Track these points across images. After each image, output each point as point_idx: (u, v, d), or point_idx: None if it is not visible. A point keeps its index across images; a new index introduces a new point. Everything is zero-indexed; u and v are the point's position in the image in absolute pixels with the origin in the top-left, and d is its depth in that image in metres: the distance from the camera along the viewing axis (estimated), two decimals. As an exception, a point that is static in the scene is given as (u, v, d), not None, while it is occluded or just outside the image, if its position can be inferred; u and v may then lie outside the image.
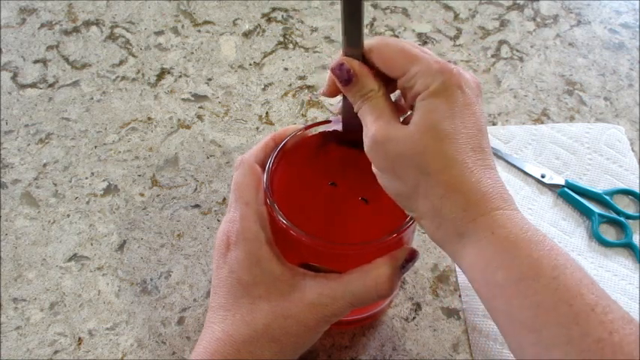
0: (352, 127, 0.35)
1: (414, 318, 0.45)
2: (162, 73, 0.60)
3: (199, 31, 0.63)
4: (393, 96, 0.34)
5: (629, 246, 0.48)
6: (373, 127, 0.32)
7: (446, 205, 0.30)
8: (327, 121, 0.39)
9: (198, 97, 0.58)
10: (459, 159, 0.30)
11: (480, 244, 0.30)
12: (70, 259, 0.48)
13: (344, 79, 0.33)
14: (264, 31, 0.63)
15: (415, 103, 0.32)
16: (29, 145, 0.54)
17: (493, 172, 0.31)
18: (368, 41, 0.33)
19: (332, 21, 0.64)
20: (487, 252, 0.30)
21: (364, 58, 0.33)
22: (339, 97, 0.36)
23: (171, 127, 0.56)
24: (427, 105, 0.31)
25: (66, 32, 0.63)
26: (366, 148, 0.32)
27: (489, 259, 0.30)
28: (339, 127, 0.38)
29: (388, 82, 0.34)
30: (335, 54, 0.61)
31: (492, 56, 0.62)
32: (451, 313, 0.45)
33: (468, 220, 0.30)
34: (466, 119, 0.31)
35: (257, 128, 0.56)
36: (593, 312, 0.27)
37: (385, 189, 0.33)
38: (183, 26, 0.63)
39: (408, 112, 0.34)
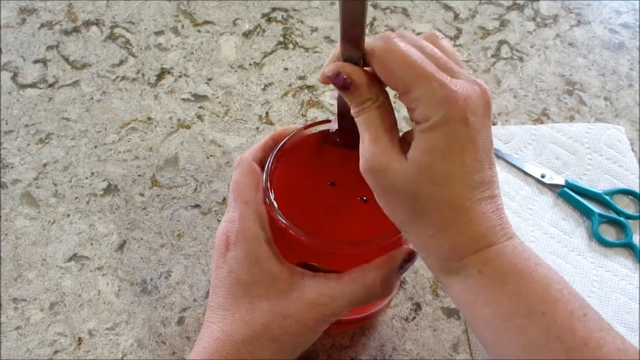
0: (347, 122, 0.34)
1: (414, 318, 0.45)
2: (162, 73, 0.60)
3: (199, 31, 0.63)
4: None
5: (629, 246, 0.48)
6: (369, 151, 0.30)
7: (435, 244, 0.30)
8: (327, 121, 0.39)
9: (198, 97, 0.58)
10: (452, 201, 0.29)
11: (468, 282, 0.30)
12: (70, 259, 0.48)
13: (341, 85, 0.31)
14: (264, 31, 0.63)
15: (415, 131, 0.30)
16: (29, 145, 0.54)
17: (491, 203, 0.30)
18: (370, 41, 0.30)
19: (332, 21, 0.64)
20: (474, 289, 0.29)
21: (365, 60, 0.31)
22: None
23: (171, 127, 0.56)
24: (425, 141, 0.29)
25: (66, 32, 0.63)
26: (361, 169, 0.31)
27: (476, 296, 0.29)
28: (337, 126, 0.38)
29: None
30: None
31: (492, 56, 0.62)
32: (451, 313, 0.45)
33: (456, 260, 0.30)
34: (466, 155, 0.29)
35: (257, 128, 0.56)
36: (586, 347, 0.27)
37: (380, 205, 0.32)
38: (183, 26, 0.63)
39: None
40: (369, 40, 0.30)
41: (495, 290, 0.29)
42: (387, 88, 0.32)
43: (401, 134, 0.32)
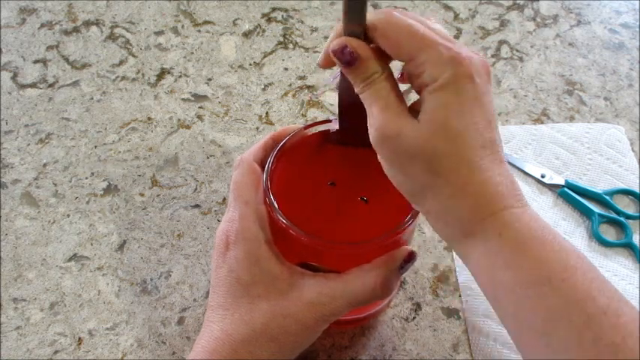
0: (349, 107, 0.34)
1: (414, 318, 0.45)
2: (162, 73, 0.60)
3: (199, 31, 0.63)
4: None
5: (629, 246, 0.48)
6: (380, 118, 0.30)
7: (454, 206, 0.30)
8: (327, 121, 0.39)
9: (198, 97, 0.58)
10: (469, 158, 0.29)
11: (488, 245, 0.29)
12: (70, 259, 0.48)
13: (346, 61, 0.31)
14: (264, 31, 0.63)
15: (424, 95, 0.30)
16: (29, 145, 0.54)
17: (503, 167, 0.30)
18: (371, 17, 0.31)
19: (332, 21, 0.64)
20: (494, 253, 0.29)
21: (366, 36, 0.31)
22: (337, 70, 0.34)
23: (171, 127, 0.56)
24: (436, 100, 0.29)
25: (66, 32, 0.63)
26: (372, 140, 0.31)
27: (496, 261, 0.29)
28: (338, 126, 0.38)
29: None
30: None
31: (492, 56, 0.62)
32: (451, 313, 0.45)
33: (476, 222, 0.30)
34: (476, 113, 0.29)
35: (257, 128, 0.56)
36: (605, 315, 0.27)
37: (392, 181, 0.32)
38: (183, 26, 0.63)
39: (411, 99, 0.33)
40: (369, 16, 0.31)
41: (516, 254, 0.29)
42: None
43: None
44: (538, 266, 0.28)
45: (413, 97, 0.32)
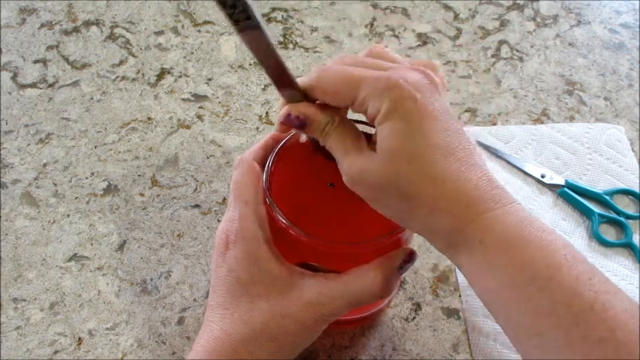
0: (330, 155, 0.35)
1: (414, 318, 0.45)
2: (162, 73, 0.60)
3: (199, 31, 0.63)
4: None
5: (629, 246, 0.48)
6: (344, 163, 0.32)
7: (433, 223, 0.30)
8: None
9: (198, 97, 0.58)
10: (432, 174, 0.29)
11: (472, 254, 0.30)
12: (70, 259, 0.48)
13: (297, 125, 0.32)
14: (264, 31, 0.63)
15: (376, 127, 0.31)
16: (29, 145, 0.54)
17: (474, 170, 0.30)
18: (303, 79, 0.32)
19: (332, 21, 0.64)
20: (478, 261, 0.30)
21: (307, 96, 0.33)
22: None
23: (171, 127, 0.56)
24: (385, 129, 0.30)
25: (66, 32, 0.63)
26: (346, 184, 0.32)
27: (481, 268, 0.30)
28: None
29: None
30: (335, 54, 0.61)
31: (492, 56, 0.62)
32: (451, 313, 0.45)
33: (457, 232, 0.30)
34: (427, 128, 0.30)
35: (257, 128, 0.56)
36: (592, 310, 0.27)
37: (379, 212, 0.33)
38: (183, 26, 0.63)
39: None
40: (302, 79, 0.32)
41: (498, 259, 0.29)
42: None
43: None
44: (521, 267, 0.28)
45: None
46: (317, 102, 0.33)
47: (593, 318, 0.27)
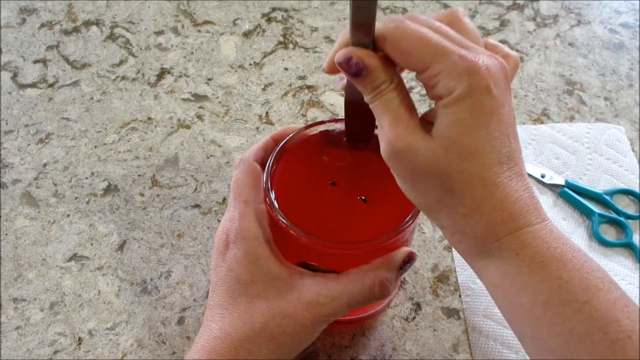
0: (356, 113, 0.33)
1: (414, 318, 0.45)
2: (162, 73, 0.60)
3: (199, 31, 0.63)
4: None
5: (629, 246, 0.48)
6: (391, 132, 0.29)
7: (469, 225, 0.29)
8: (328, 121, 0.39)
9: (198, 97, 0.58)
10: (484, 177, 0.28)
11: (504, 265, 0.28)
12: (70, 259, 0.48)
13: (353, 72, 0.29)
14: (264, 31, 0.63)
15: (438, 107, 0.29)
16: (29, 145, 0.54)
17: (522, 181, 0.29)
18: (380, 27, 0.29)
19: (332, 21, 0.64)
20: (511, 274, 0.28)
21: (375, 46, 0.30)
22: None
23: (172, 127, 0.56)
24: (450, 114, 0.28)
25: (66, 32, 0.63)
26: (383, 154, 0.30)
27: (514, 282, 0.28)
28: (339, 126, 0.38)
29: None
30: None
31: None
32: (451, 313, 0.45)
33: (492, 241, 0.29)
34: (493, 128, 0.28)
35: (257, 128, 0.56)
36: (629, 340, 0.26)
37: (405, 194, 0.31)
38: (183, 26, 0.63)
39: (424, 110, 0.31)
40: (378, 26, 0.29)
41: (534, 275, 0.28)
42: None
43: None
44: (558, 287, 0.27)
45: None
46: (380, 53, 0.30)
47: (630, 348, 0.26)
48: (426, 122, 0.30)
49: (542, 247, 0.28)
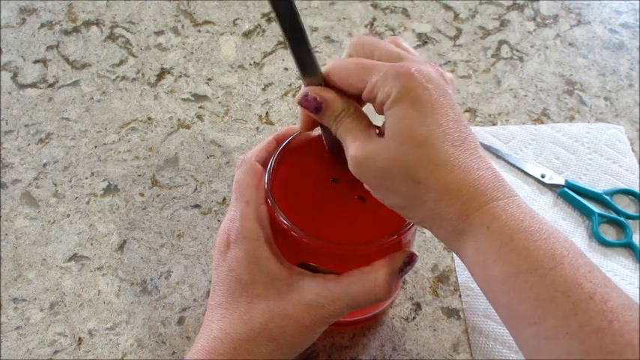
0: (337, 149, 0.36)
1: (414, 318, 0.45)
2: (162, 73, 0.60)
3: (199, 31, 0.63)
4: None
5: (629, 246, 0.48)
6: (352, 148, 0.32)
7: (441, 207, 0.30)
8: None
9: (198, 97, 0.58)
10: (442, 159, 0.30)
11: (477, 241, 0.30)
12: (70, 259, 0.48)
13: (313, 107, 0.33)
14: (264, 31, 0.63)
15: (385, 114, 0.31)
16: (29, 145, 0.54)
17: (481, 161, 0.31)
18: (323, 68, 0.34)
19: (332, 21, 0.64)
20: (484, 247, 0.30)
21: (326, 84, 0.34)
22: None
23: (172, 127, 0.56)
24: (395, 114, 0.31)
25: (66, 32, 0.63)
26: (352, 171, 0.32)
27: (486, 255, 0.30)
28: None
29: (357, 99, 0.34)
30: (335, 54, 0.61)
31: (492, 56, 0.62)
32: (451, 313, 0.45)
33: (464, 218, 0.30)
34: (437, 117, 0.30)
35: (257, 128, 0.56)
36: (591, 301, 0.27)
37: (383, 202, 0.33)
38: (183, 26, 0.63)
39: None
40: (323, 68, 0.34)
41: (504, 246, 0.29)
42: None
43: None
44: (525, 256, 0.29)
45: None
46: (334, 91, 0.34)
47: (591, 308, 0.27)
48: (382, 134, 0.32)
49: (510, 220, 0.29)
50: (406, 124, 0.30)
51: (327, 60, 0.61)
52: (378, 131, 0.33)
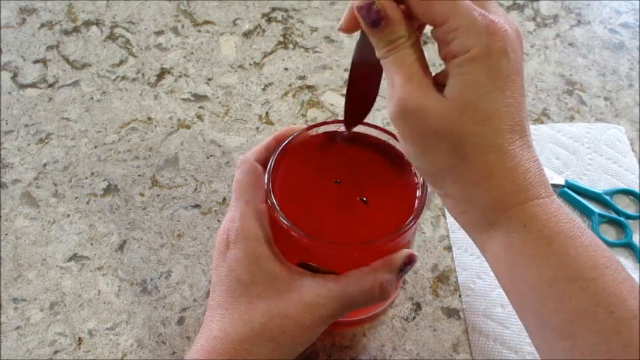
0: (362, 76, 0.32)
1: (414, 318, 0.45)
2: (162, 73, 0.60)
3: (199, 31, 0.63)
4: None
5: (629, 246, 0.48)
6: (403, 90, 0.28)
7: (478, 193, 0.28)
8: (330, 122, 0.39)
9: (198, 97, 0.58)
10: (498, 143, 0.27)
11: (510, 238, 0.28)
12: (70, 259, 0.48)
13: (372, 19, 0.28)
14: (264, 31, 0.63)
15: (451, 67, 0.28)
16: (29, 145, 0.54)
17: (531, 152, 0.28)
18: None
19: (332, 21, 0.64)
20: (517, 246, 0.27)
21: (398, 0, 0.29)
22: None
23: (172, 127, 0.56)
24: (466, 74, 0.27)
25: (66, 32, 0.63)
26: (391, 114, 0.29)
27: (519, 254, 0.27)
28: (342, 127, 0.38)
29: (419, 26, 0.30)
30: (335, 54, 0.61)
31: (492, 56, 0.61)
32: (451, 313, 0.45)
33: (500, 211, 0.28)
34: (507, 94, 0.27)
35: (257, 128, 0.56)
36: (635, 319, 0.25)
37: (409, 159, 0.30)
38: (183, 26, 0.63)
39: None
40: None
41: (541, 249, 0.27)
42: None
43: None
44: (565, 263, 0.26)
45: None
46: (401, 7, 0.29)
47: (636, 327, 0.25)
48: (437, 84, 0.29)
49: (550, 222, 0.27)
50: (474, 92, 0.27)
51: (328, 60, 0.61)
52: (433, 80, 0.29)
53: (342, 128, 0.38)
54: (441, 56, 0.29)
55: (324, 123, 0.39)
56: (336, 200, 0.37)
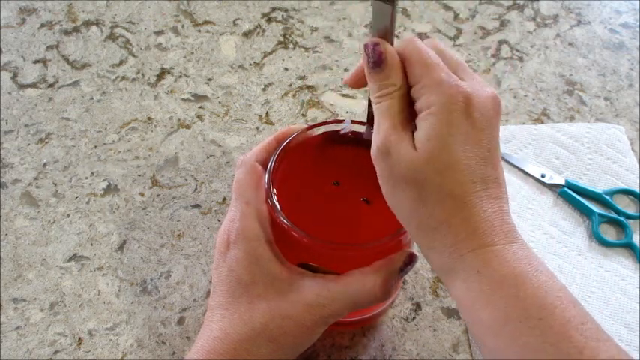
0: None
1: (414, 318, 0.45)
2: (162, 73, 0.60)
3: (199, 31, 0.63)
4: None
5: (629, 246, 0.48)
6: (385, 136, 0.31)
7: (438, 238, 0.30)
8: (330, 122, 0.39)
9: (198, 97, 0.58)
10: (455, 193, 0.30)
11: (467, 282, 0.30)
12: (70, 259, 0.48)
13: (374, 60, 0.31)
14: (264, 31, 0.63)
15: (418, 120, 0.31)
16: (29, 145, 0.54)
17: (493, 204, 0.30)
18: (397, 43, 0.32)
19: (332, 21, 0.64)
20: (473, 290, 0.30)
21: None
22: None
23: (172, 127, 0.56)
24: (429, 128, 0.30)
25: (66, 32, 0.63)
26: (372, 153, 0.32)
27: (475, 298, 0.30)
28: (342, 127, 0.38)
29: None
30: (335, 54, 0.61)
31: (492, 56, 0.62)
32: (451, 313, 0.45)
33: (456, 257, 0.30)
34: (467, 148, 0.30)
35: (257, 128, 0.56)
36: (580, 355, 0.27)
37: (385, 199, 0.32)
38: (183, 26, 0.63)
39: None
40: (396, 42, 0.32)
41: (493, 292, 0.29)
42: None
43: None
44: (514, 304, 0.28)
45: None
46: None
47: None
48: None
49: (502, 266, 0.29)
50: (435, 144, 0.30)
51: (328, 60, 0.61)
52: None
53: (342, 128, 0.38)
54: (415, 111, 0.32)
55: (324, 123, 0.39)
56: (336, 200, 0.37)
